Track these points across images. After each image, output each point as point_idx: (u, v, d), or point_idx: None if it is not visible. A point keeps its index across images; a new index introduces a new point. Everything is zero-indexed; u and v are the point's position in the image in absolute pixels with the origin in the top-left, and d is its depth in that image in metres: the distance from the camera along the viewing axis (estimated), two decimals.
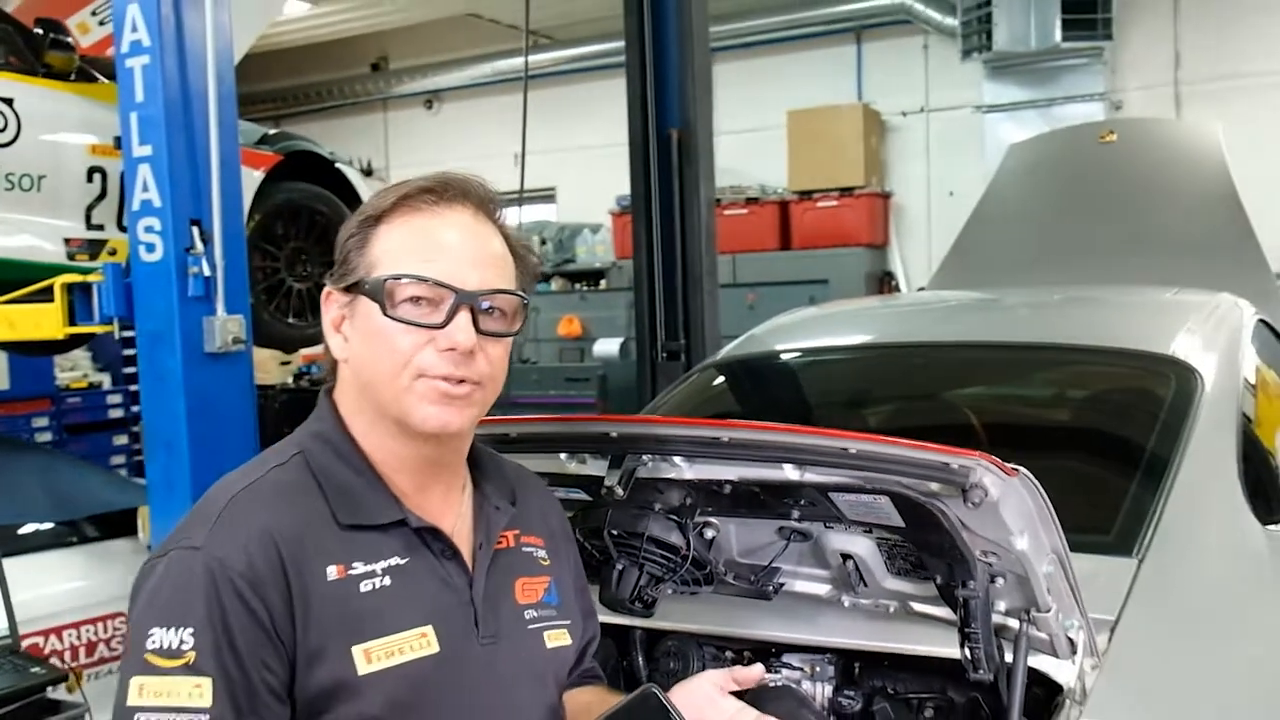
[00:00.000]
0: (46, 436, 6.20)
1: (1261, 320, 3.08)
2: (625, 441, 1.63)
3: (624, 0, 5.01)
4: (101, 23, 4.61)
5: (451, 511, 1.34)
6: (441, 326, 1.23)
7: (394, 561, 1.26)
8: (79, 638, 3.89)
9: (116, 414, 6.77)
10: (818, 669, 1.95)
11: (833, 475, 1.54)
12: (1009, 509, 1.49)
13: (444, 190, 1.28)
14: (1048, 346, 2.80)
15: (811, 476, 1.55)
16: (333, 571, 1.22)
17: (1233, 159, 4.59)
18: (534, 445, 1.66)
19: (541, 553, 1.43)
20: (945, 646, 1.75)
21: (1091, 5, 8.44)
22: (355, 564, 1.23)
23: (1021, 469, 1.47)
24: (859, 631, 1.89)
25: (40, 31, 3.96)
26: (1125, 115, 8.72)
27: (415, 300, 1.24)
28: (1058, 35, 8.50)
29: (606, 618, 1.95)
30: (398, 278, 1.24)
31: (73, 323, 3.60)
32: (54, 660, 3.67)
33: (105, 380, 7.31)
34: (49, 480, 4.13)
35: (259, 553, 1.19)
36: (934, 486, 1.49)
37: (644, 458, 1.64)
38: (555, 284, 10.53)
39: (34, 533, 4.13)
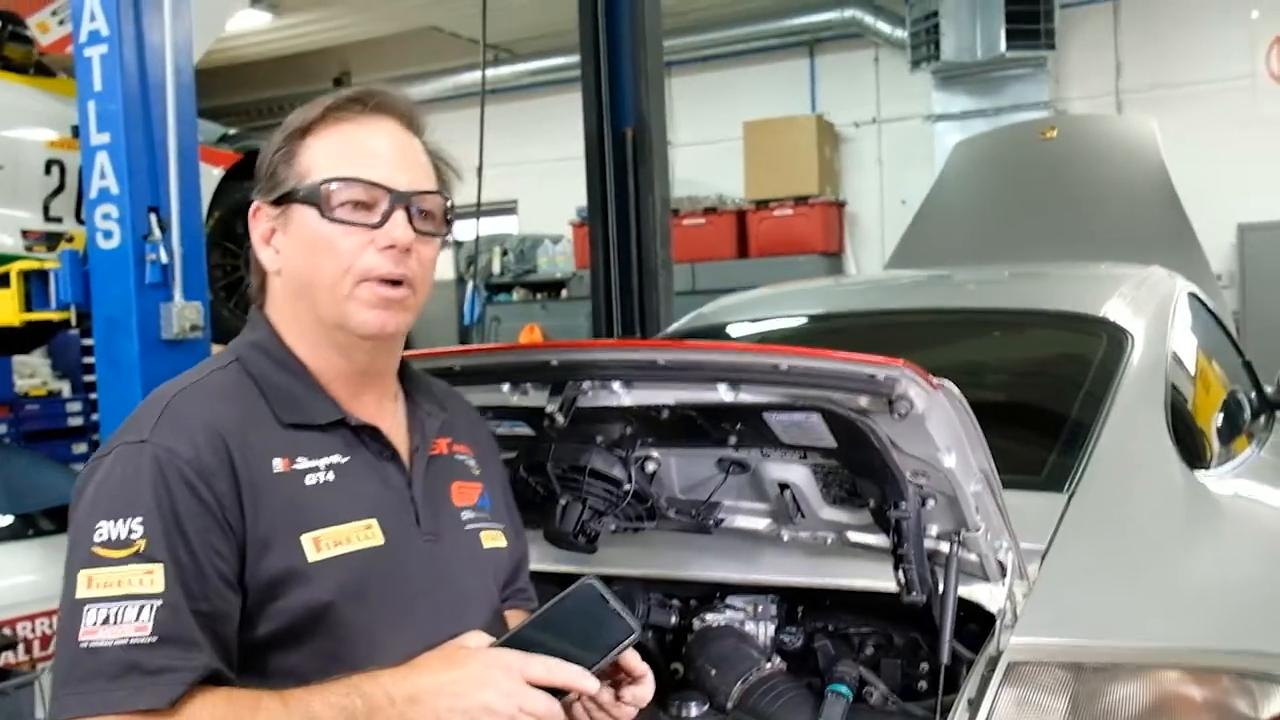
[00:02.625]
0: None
1: (1193, 294, 3.20)
2: (565, 369, 1.68)
3: (579, 1, 5.10)
4: (61, 22, 4.62)
5: (386, 417, 1.38)
6: (379, 226, 1.28)
7: (335, 459, 1.29)
8: (34, 630, 3.87)
9: (76, 421, 6.72)
10: (760, 609, 2.01)
11: (765, 394, 1.60)
12: (935, 422, 1.56)
13: (369, 99, 1.33)
14: (988, 311, 2.91)
15: (745, 396, 1.61)
16: (278, 463, 1.25)
17: (1172, 165, 4.74)
18: (477, 377, 1.71)
19: (472, 461, 1.48)
20: (882, 580, 1.82)
21: (1034, 16, 8.65)
22: (300, 459, 1.27)
23: (947, 382, 1.54)
24: (798, 568, 1.96)
25: None
26: None
27: (352, 205, 1.28)
28: (1003, 45, 8.70)
29: (553, 566, 2.00)
30: (333, 180, 1.28)
31: (29, 309, 3.61)
32: (7, 654, 3.65)
33: (65, 388, 7.24)
34: (3, 474, 4.12)
35: (205, 444, 1.21)
36: (863, 402, 1.55)
37: (584, 385, 1.69)
38: (516, 294, 10.58)
39: None
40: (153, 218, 3.41)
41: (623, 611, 1.23)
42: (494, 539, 1.44)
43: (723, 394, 1.62)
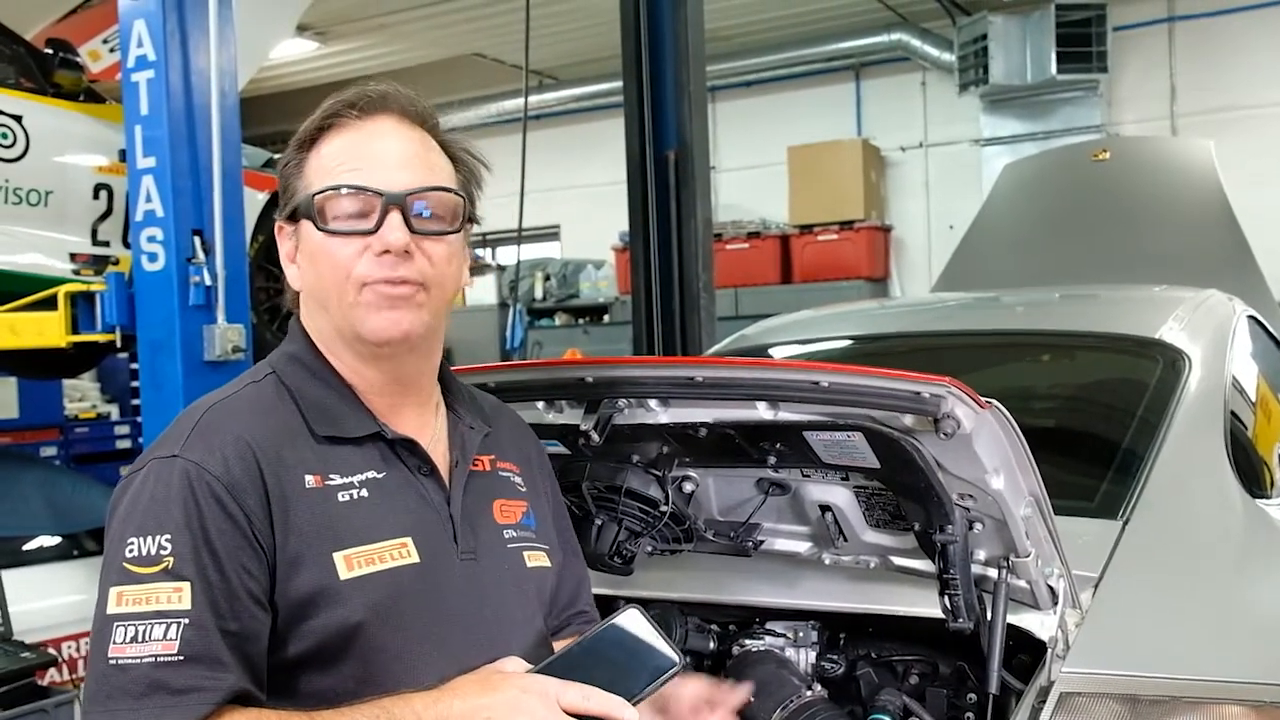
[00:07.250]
0: None
1: (1253, 317, 3.10)
2: (601, 386, 1.64)
3: (621, 24, 5.10)
4: (112, 50, 4.71)
5: (426, 431, 1.35)
6: (374, 231, 1.24)
7: (370, 475, 1.26)
8: (78, 650, 3.88)
9: (124, 444, 6.78)
10: (801, 634, 1.95)
11: (806, 412, 1.55)
12: (982, 443, 1.49)
13: (361, 101, 1.29)
14: (1039, 333, 2.83)
15: (785, 415, 1.56)
16: (310, 480, 1.23)
17: (1230, 190, 4.63)
18: (512, 394, 1.67)
19: (518, 479, 1.44)
20: (927, 606, 1.76)
21: (1086, 38, 8.57)
22: (332, 476, 1.24)
23: (994, 402, 1.48)
24: (841, 593, 1.90)
25: (50, 51, 4.05)
26: None
27: (348, 214, 1.25)
28: (1053, 68, 8.61)
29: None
30: (323, 191, 1.26)
31: (75, 331, 3.64)
32: (52, 671, 3.67)
33: (114, 411, 7.34)
34: (50, 494, 4.15)
35: (236, 459, 1.19)
36: (907, 421, 1.50)
37: (619, 403, 1.65)
38: (559, 319, 10.67)
39: (37, 547, 4.15)
40: (197, 240, 3.44)
41: (666, 642, 1.20)
42: (537, 559, 1.41)
43: (762, 412, 1.57)
